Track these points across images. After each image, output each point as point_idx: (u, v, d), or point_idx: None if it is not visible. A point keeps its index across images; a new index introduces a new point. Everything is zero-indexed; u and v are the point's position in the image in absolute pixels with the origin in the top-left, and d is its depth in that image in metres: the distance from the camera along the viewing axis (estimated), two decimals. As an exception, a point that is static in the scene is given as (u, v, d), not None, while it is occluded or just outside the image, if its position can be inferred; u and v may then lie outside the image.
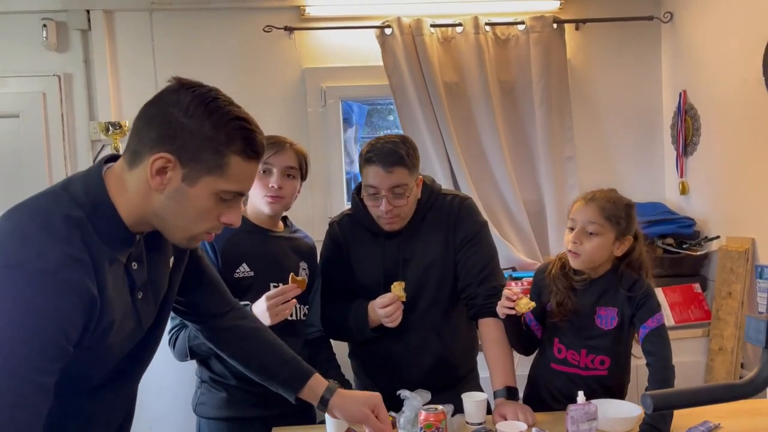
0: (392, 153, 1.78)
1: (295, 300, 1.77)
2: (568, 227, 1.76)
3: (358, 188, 1.96)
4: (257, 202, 1.87)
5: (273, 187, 1.83)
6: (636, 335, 1.74)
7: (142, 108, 1.14)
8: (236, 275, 1.83)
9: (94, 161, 2.99)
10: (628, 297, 1.73)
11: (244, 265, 1.84)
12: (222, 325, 1.46)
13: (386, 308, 1.80)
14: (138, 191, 1.11)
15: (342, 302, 1.93)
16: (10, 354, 0.98)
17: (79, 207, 1.08)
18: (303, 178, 1.94)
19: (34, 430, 1.01)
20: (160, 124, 1.09)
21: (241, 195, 1.17)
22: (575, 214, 1.75)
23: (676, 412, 1.63)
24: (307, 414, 1.91)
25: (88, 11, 2.97)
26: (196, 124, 1.08)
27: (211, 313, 1.47)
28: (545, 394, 1.82)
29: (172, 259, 1.31)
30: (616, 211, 1.72)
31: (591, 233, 1.71)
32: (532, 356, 1.91)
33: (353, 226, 1.96)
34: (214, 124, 1.09)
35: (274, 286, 1.82)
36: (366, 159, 1.82)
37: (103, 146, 3.03)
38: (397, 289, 1.82)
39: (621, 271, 1.76)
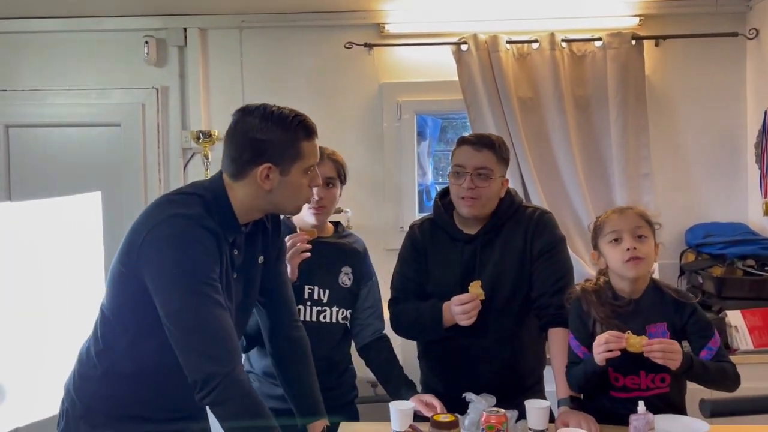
0: (485, 137, 1.95)
1: (310, 245, 1.91)
2: (610, 241, 1.76)
3: (441, 193, 2.05)
4: (303, 213, 1.94)
5: (315, 199, 1.92)
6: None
7: (227, 138, 1.50)
8: None
9: (184, 167, 3.24)
10: (675, 306, 1.75)
11: None
12: (288, 333, 1.74)
13: (464, 305, 1.83)
14: (248, 194, 1.49)
15: (415, 301, 1.99)
16: (184, 271, 1.37)
17: (205, 194, 1.48)
18: (342, 183, 2.03)
19: (227, 316, 1.40)
20: (250, 148, 1.46)
21: (314, 164, 1.54)
22: (617, 225, 1.76)
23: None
24: (349, 409, 2.02)
25: (185, 29, 3.21)
26: (274, 135, 1.46)
27: (284, 315, 1.73)
28: (604, 419, 1.77)
29: (261, 258, 1.62)
30: (649, 218, 1.80)
31: (641, 237, 1.75)
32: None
33: (433, 230, 2.03)
34: (284, 129, 1.47)
35: (309, 290, 1.94)
36: (459, 141, 1.96)
37: (193, 154, 3.25)
38: (475, 287, 1.84)
39: (661, 283, 1.79)
